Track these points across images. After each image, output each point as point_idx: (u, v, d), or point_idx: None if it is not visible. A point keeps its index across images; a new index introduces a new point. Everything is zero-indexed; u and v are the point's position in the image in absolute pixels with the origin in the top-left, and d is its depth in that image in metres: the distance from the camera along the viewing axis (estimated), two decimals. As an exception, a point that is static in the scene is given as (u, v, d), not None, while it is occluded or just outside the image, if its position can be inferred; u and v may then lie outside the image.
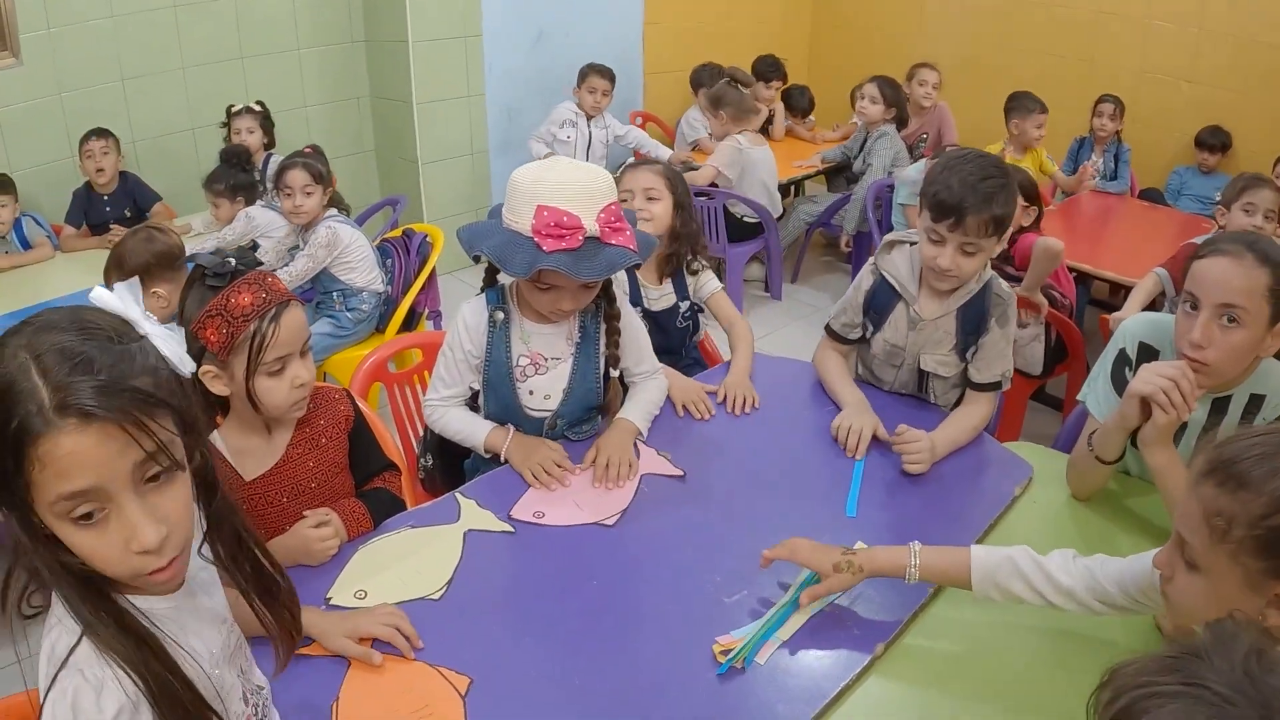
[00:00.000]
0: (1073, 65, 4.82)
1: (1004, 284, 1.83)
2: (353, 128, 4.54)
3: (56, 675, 0.79)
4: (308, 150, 3.07)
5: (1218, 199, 2.97)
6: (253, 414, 1.37)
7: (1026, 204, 2.80)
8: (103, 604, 0.80)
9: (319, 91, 4.36)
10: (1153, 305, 2.72)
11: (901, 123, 4.29)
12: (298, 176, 2.83)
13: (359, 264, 2.95)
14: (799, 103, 5.08)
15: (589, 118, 4.35)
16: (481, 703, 1.17)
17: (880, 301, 1.91)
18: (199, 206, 3.60)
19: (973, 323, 1.81)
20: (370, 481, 1.57)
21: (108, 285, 0.81)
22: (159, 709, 0.80)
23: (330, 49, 4.33)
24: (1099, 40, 4.75)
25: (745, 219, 4.01)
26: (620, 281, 2.07)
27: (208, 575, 0.97)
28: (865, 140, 4.32)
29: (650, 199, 2.12)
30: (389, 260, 3.13)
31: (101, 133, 3.44)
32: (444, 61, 4.22)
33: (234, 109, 3.75)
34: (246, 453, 1.42)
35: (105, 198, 3.48)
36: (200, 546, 0.93)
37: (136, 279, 0.82)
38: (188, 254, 2.33)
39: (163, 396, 0.76)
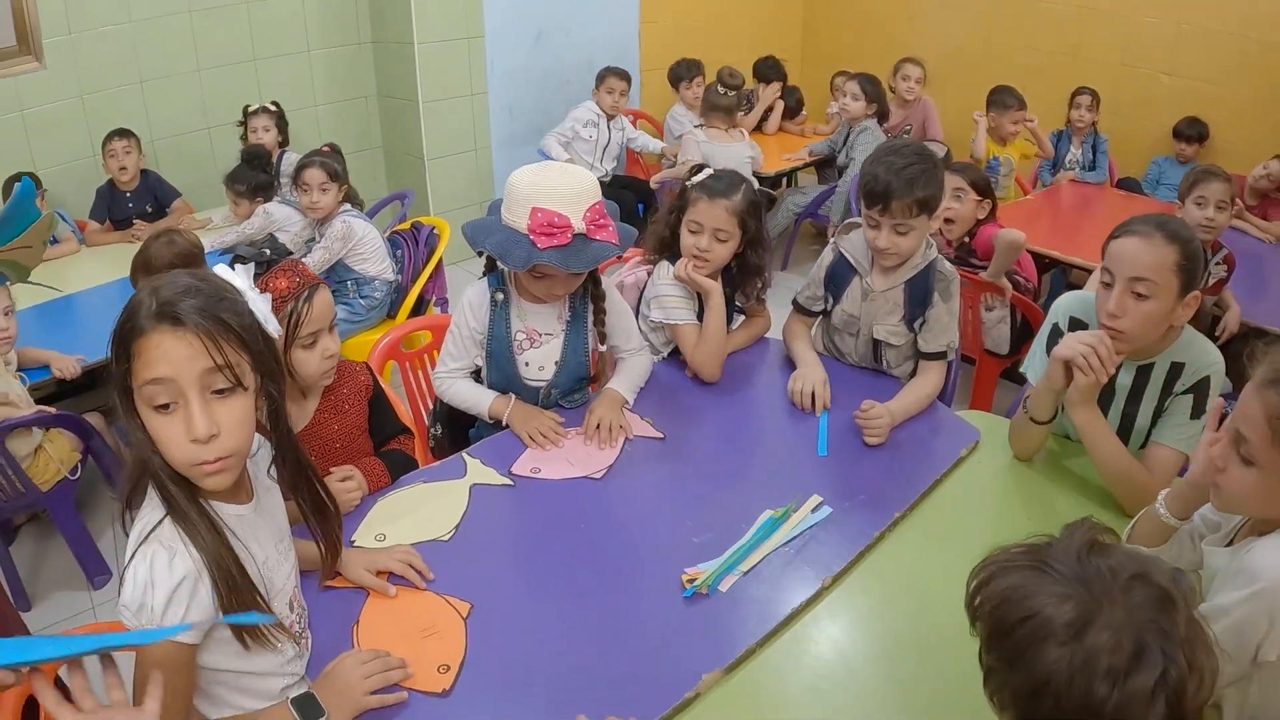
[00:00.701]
0: (1056, 58, 4.93)
1: (948, 264, 2.00)
2: (361, 125, 4.66)
3: (139, 547, 1.01)
4: (325, 149, 3.20)
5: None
6: (288, 383, 1.55)
7: (980, 199, 2.96)
8: (185, 490, 1.01)
9: (328, 91, 4.49)
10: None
11: (883, 116, 4.42)
12: (315, 174, 2.97)
13: (371, 255, 3.08)
14: (788, 102, 5.22)
15: (609, 118, 4.48)
16: (480, 624, 1.35)
17: (838, 276, 2.09)
18: (216, 201, 3.73)
19: (919, 296, 1.99)
20: (387, 443, 1.76)
21: (134, 286, 1.06)
22: (216, 581, 1.01)
23: (338, 50, 4.44)
24: (1083, 34, 4.86)
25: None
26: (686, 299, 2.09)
27: (273, 499, 1.19)
28: (849, 135, 4.46)
29: (718, 240, 2.00)
30: (399, 251, 3.25)
31: (123, 133, 3.56)
32: (448, 62, 4.34)
33: (250, 109, 3.87)
34: None
35: (128, 194, 3.60)
36: (269, 468, 1.15)
37: (252, 265, 1.07)
38: (214, 247, 2.50)
39: (239, 331, 0.98)
